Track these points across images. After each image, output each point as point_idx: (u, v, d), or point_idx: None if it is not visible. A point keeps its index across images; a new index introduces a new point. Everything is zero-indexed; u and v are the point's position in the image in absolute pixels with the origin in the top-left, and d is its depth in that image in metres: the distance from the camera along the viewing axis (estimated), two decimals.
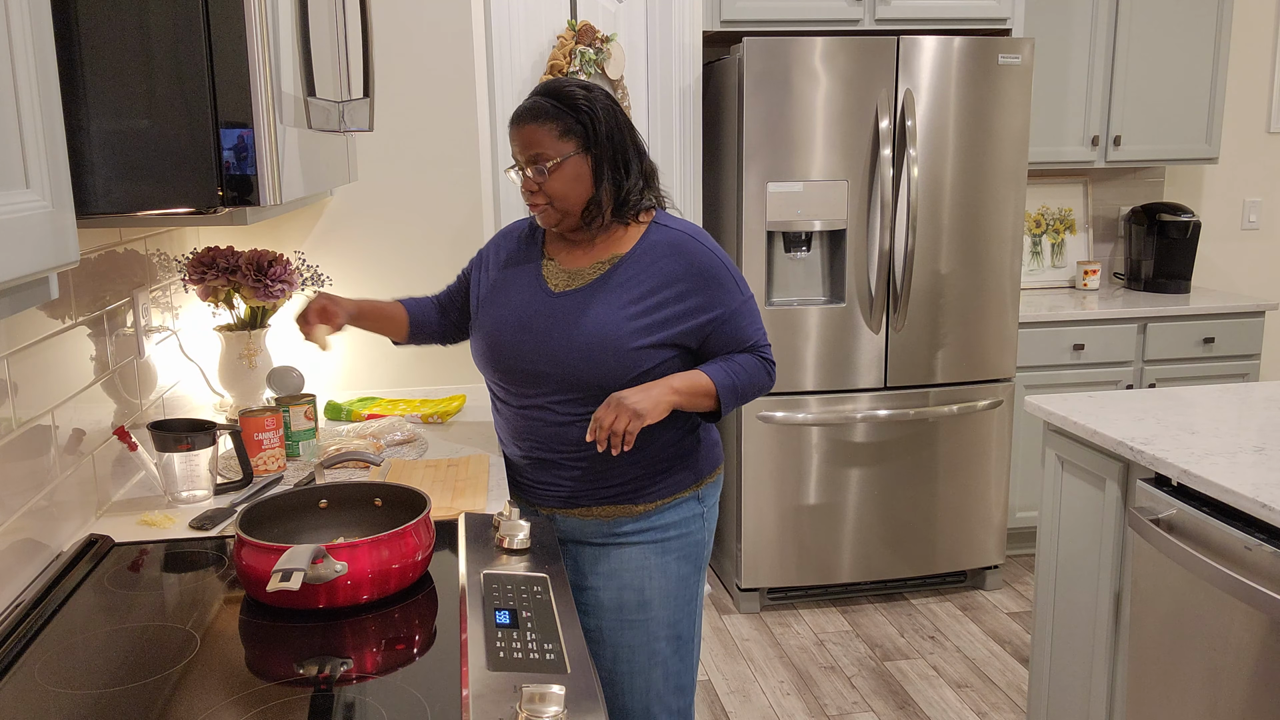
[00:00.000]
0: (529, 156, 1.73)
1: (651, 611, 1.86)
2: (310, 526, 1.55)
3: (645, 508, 1.84)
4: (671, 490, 1.85)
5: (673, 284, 1.75)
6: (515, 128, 1.75)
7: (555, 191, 1.74)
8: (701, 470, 1.89)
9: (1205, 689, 1.86)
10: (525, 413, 1.82)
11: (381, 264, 2.56)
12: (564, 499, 1.85)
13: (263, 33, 1.22)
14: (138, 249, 2.05)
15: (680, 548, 1.87)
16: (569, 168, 1.73)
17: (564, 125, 1.72)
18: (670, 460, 1.84)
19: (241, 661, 1.22)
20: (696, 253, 1.77)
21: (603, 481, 1.82)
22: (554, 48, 2.78)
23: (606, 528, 1.85)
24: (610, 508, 1.84)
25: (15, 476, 1.47)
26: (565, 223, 1.78)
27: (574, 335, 1.74)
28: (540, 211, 1.77)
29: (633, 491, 1.83)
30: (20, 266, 0.85)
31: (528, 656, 1.19)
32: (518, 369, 1.79)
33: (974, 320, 3.44)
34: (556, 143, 1.72)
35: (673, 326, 1.75)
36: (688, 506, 1.87)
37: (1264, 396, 2.33)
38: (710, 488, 1.92)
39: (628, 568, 1.85)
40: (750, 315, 1.81)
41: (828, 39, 3.18)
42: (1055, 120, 3.86)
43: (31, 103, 0.89)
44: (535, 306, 1.80)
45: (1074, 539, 2.29)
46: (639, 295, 1.75)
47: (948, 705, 2.90)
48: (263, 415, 1.95)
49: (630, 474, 1.82)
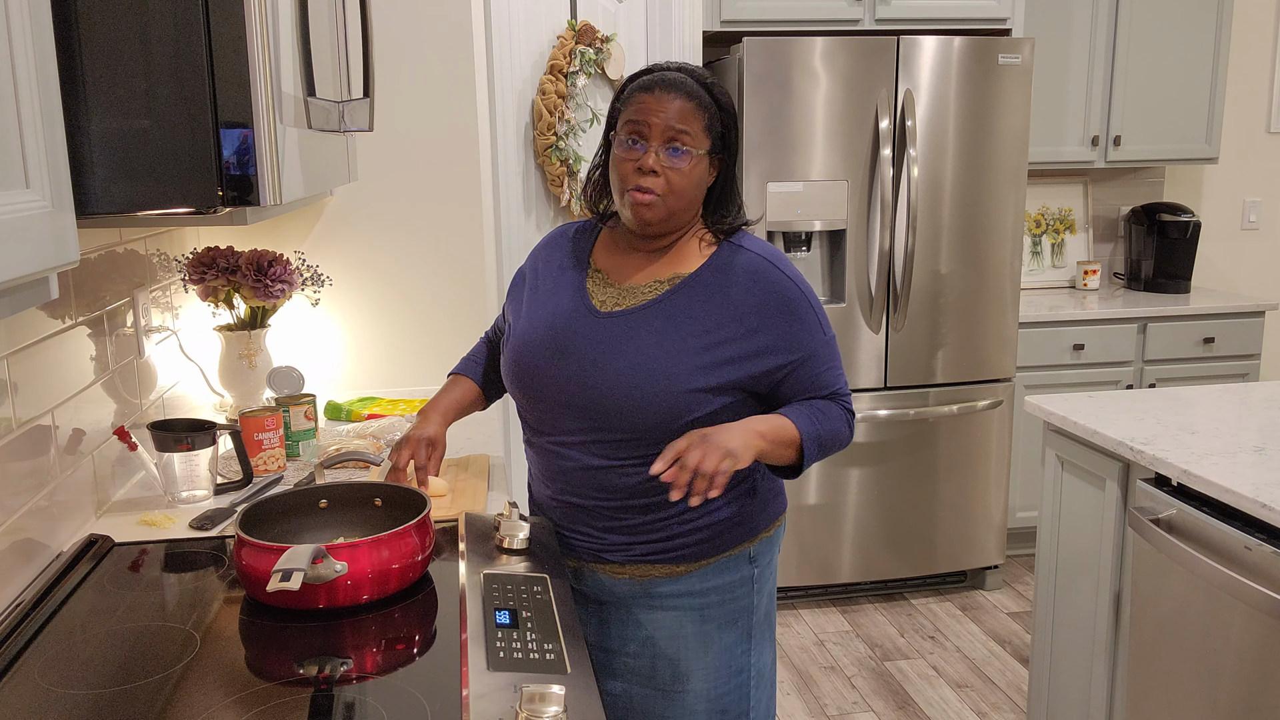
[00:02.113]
0: (669, 133, 1.46)
1: (690, 684, 1.60)
2: (310, 526, 1.55)
3: (688, 568, 1.58)
4: (720, 549, 1.59)
5: (745, 317, 1.49)
6: (660, 92, 1.47)
7: (679, 186, 1.48)
8: (757, 525, 1.62)
9: (1205, 689, 1.86)
10: (557, 450, 1.58)
11: (381, 264, 2.56)
12: (595, 552, 1.61)
13: (263, 33, 1.22)
14: (138, 249, 2.05)
15: (723, 615, 1.61)
16: (700, 166, 1.50)
17: (710, 119, 1.49)
18: (720, 513, 1.58)
19: (241, 661, 1.22)
20: (778, 283, 1.51)
21: (643, 536, 1.57)
22: (554, 48, 2.78)
23: (640, 588, 1.60)
24: (646, 567, 1.59)
25: (15, 476, 1.47)
26: (660, 226, 1.52)
27: (619, 367, 1.49)
28: (645, 204, 1.48)
29: (677, 550, 1.57)
30: (20, 266, 0.85)
31: (528, 656, 1.19)
32: (547, 398, 1.55)
33: (974, 320, 3.44)
34: (701, 133, 1.48)
35: (741, 367, 1.49)
36: (737, 568, 1.61)
37: (1264, 396, 2.33)
38: (766, 544, 1.64)
39: (661, 635, 1.60)
40: (831, 358, 1.56)
41: (828, 39, 3.18)
42: (1055, 120, 3.86)
43: (31, 103, 0.89)
44: (575, 327, 1.54)
45: (1074, 539, 2.29)
46: (706, 327, 1.49)
47: (948, 705, 2.90)
48: (263, 415, 1.95)
49: (677, 529, 1.57)
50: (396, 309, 2.58)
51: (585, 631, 1.66)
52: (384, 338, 2.59)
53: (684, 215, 1.52)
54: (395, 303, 2.58)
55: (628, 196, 1.49)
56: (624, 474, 1.53)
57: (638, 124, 1.47)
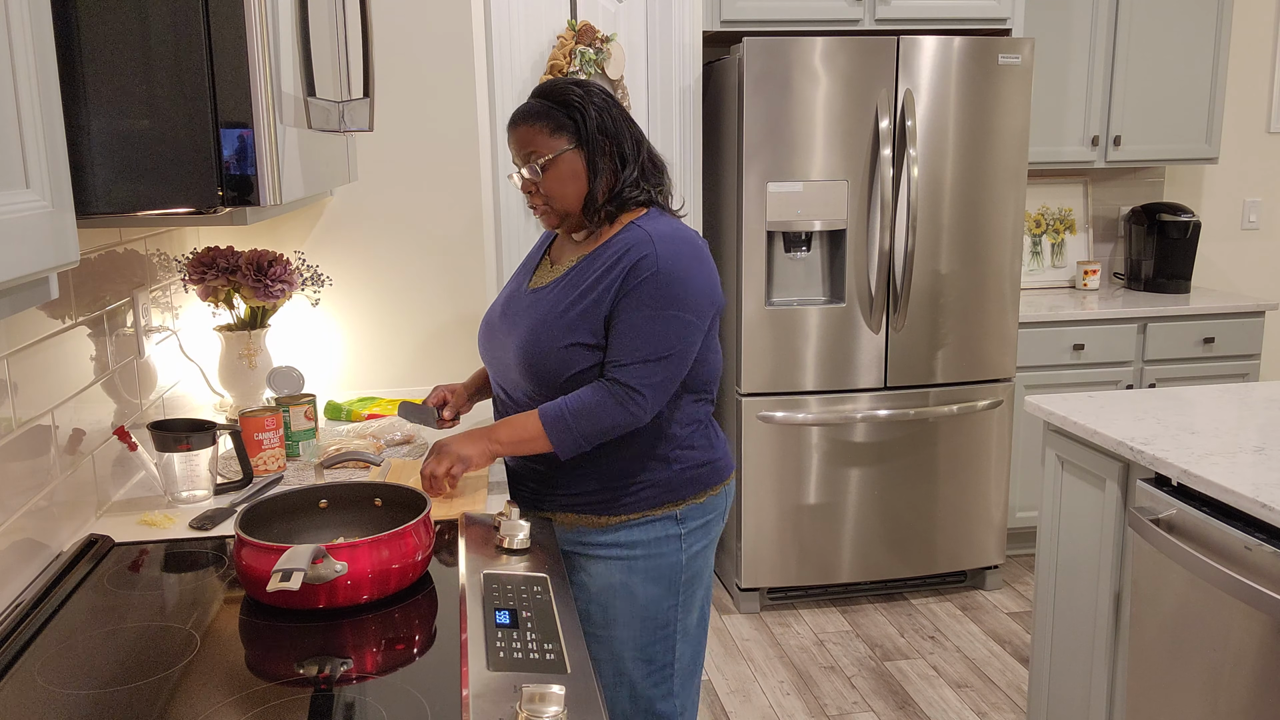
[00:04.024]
0: (523, 156, 1.73)
1: (615, 630, 1.80)
2: (310, 526, 1.55)
3: (610, 520, 1.78)
4: (640, 506, 1.77)
5: (610, 281, 1.69)
6: (510, 130, 1.75)
7: (551, 190, 1.73)
8: (683, 491, 1.80)
9: (1205, 689, 1.86)
10: (503, 411, 1.86)
11: (381, 264, 2.56)
12: (529, 500, 1.85)
13: (263, 33, 1.22)
14: (138, 249, 2.05)
15: (649, 569, 1.79)
16: (563, 164, 1.71)
17: (555, 122, 1.71)
18: (635, 475, 1.76)
19: (241, 661, 1.22)
20: (640, 252, 1.67)
21: (562, 488, 1.79)
22: (554, 48, 2.78)
23: (572, 536, 1.80)
24: (573, 516, 1.80)
25: (15, 476, 1.47)
26: (567, 223, 1.77)
27: (520, 332, 1.75)
28: (540, 214, 1.77)
29: (596, 503, 1.78)
30: (20, 266, 0.85)
31: (528, 656, 1.19)
32: (488, 360, 1.85)
33: (974, 320, 3.44)
34: (549, 140, 1.71)
35: (599, 325, 1.69)
36: (661, 526, 1.78)
37: (1264, 396, 2.33)
38: (695, 509, 1.81)
39: (593, 581, 1.80)
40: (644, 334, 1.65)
41: (828, 39, 3.18)
42: (1055, 120, 3.86)
43: (31, 103, 0.89)
44: (513, 300, 1.83)
45: (1074, 539, 2.29)
46: (583, 291, 1.70)
47: (948, 705, 2.90)
48: (263, 415, 1.95)
49: (589, 485, 1.77)
50: (396, 309, 2.58)
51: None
52: (384, 338, 2.59)
53: (573, 207, 1.74)
54: (395, 303, 2.58)
55: (532, 211, 1.78)
56: None
57: (512, 161, 1.81)
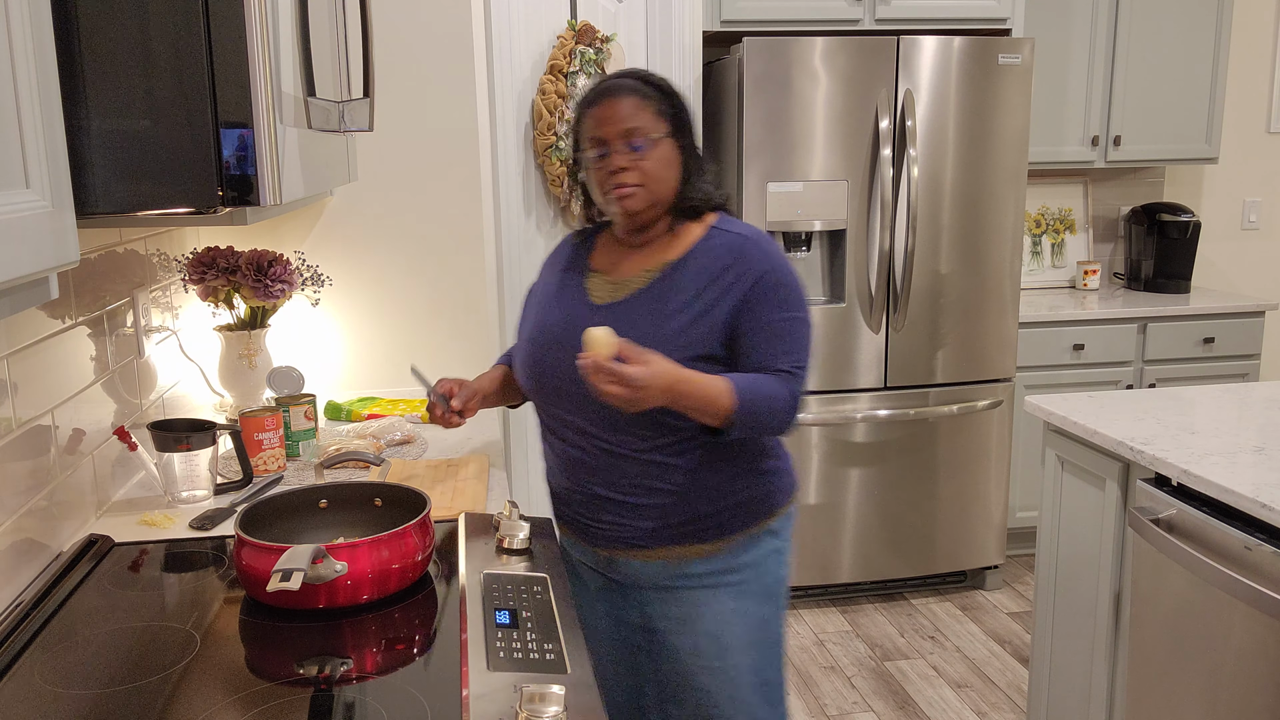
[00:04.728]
0: (623, 131, 1.58)
1: (732, 658, 1.67)
2: (310, 526, 1.55)
3: (716, 546, 1.65)
4: (741, 525, 1.66)
5: (719, 287, 1.58)
6: (606, 102, 1.59)
7: (652, 171, 1.59)
8: (775, 501, 1.70)
9: (1205, 689, 1.86)
10: (571, 441, 1.66)
11: (381, 264, 2.56)
12: (625, 540, 1.66)
13: (263, 33, 1.22)
14: (138, 249, 2.05)
15: (759, 589, 1.68)
16: (664, 149, 1.60)
17: (658, 105, 1.60)
18: (736, 493, 1.65)
19: (241, 661, 1.22)
20: (752, 255, 1.59)
21: (669, 520, 1.63)
22: (554, 48, 2.77)
23: (676, 569, 1.66)
24: (675, 549, 1.65)
25: (15, 476, 1.47)
26: (650, 213, 1.62)
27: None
28: (628, 196, 1.59)
29: (699, 530, 1.64)
30: (20, 266, 0.85)
31: (528, 656, 1.19)
32: (554, 391, 1.65)
33: (974, 320, 3.44)
34: (654, 120, 1.59)
35: (716, 335, 1.57)
36: (764, 542, 1.68)
37: (1264, 396, 2.33)
38: (785, 519, 1.73)
39: (702, 613, 1.66)
40: (790, 337, 1.59)
41: (828, 39, 3.18)
42: (1055, 120, 3.86)
43: (31, 103, 0.89)
44: (575, 321, 1.64)
45: (1074, 539, 2.29)
46: (687, 301, 1.58)
47: (948, 705, 2.90)
48: (263, 415, 1.95)
49: (700, 509, 1.63)
50: (396, 309, 2.58)
51: (628, 615, 1.74)
52: (384, 338, 2.59)
53: (665, 197, 1.62)
54: (395, 303, 2.58)
55: (611, 198, 1.61)
56: (636, 459, 1.60)
57: (596, 136, 1.60)
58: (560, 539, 1.77)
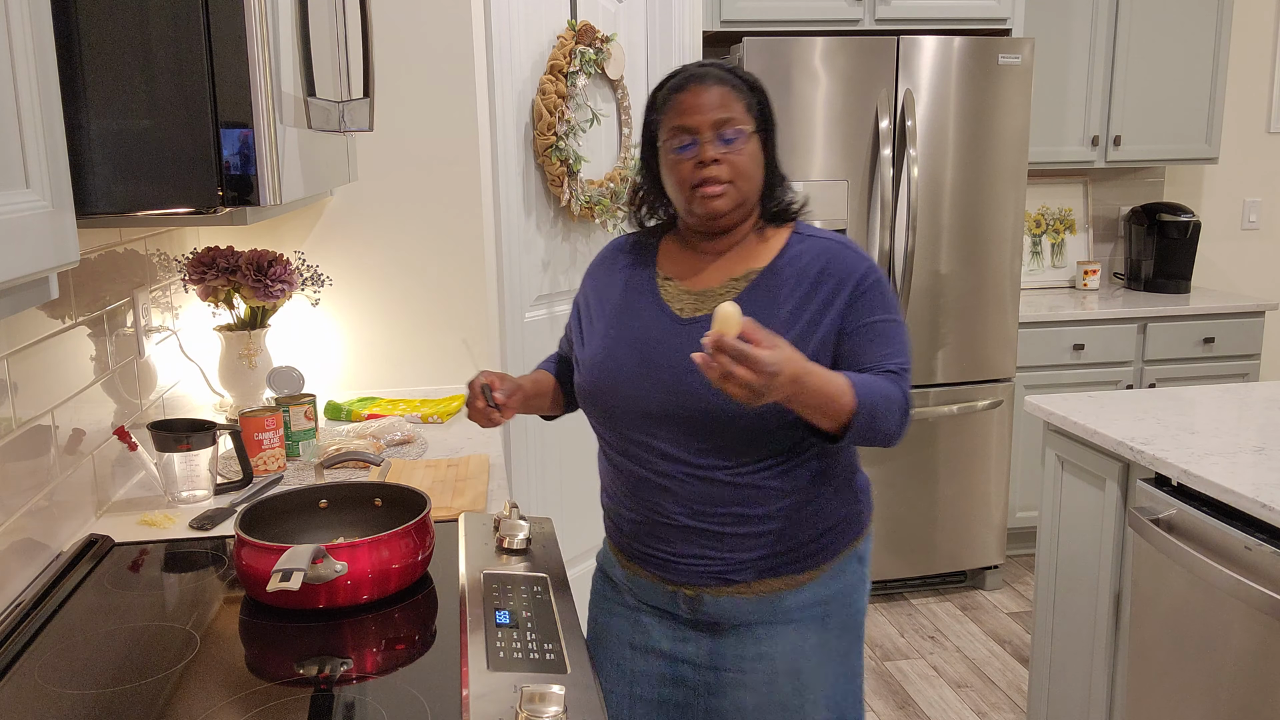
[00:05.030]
0: (715, 121, 1.43)
1: (809, 695, 1.53)
2: (310, 526, 1.55)
3: (811, 575, 1.52)
4: (834, 551, 1.53)
5: (821, 300, 1.45)
6: (695, 88, 1.45)
7: (742, 167, 1.45)
8: (864, 521, 1.59)
9: (1205, 689, 1.86)
10: (657, 469, 1.48)
11: (381, 264, 2.56)
12: (719, 575, 1.50)
13: (263, 33, 1.22)
14: (138, 249, 2.05)
15: (842, 620, 1.55)
16: (752, 145, 1.47)
17: (747, 100, 1.47)
18: (832, 514, 1.53)
19: (241, 661, 1.22)
20: (848, 261, 1.47)
21: (771, 549, 1.49)
22: (554, 48, 2.77)
23: (768, 604, 1.51)
24: (770, 581, 1.50)
25: (15, 476, 1.47)
26: (735, 215, 1.48)
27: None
28: (717, 195, 1.44)
29: (796, 559, 1.50)
30: (20, 266, 0.85)
31: (528, 656, 1.19)
32: (639, 414, 1.47)
33: (974, 320, 3.44)
34: (744, 114, 1.46)
35: (826, 350, 1.44)
36: (851, 570, 1.56)
37: (1264, 396, 2.33)
38: (868, 541, 1.61)
39: (783, 650, 1.51)
40: (895, 341, 1.46)
41: (828, 39, 3.18)
42: (1055, 120, 3.86)
43: (31, 103, 0.89)
44: (659, 337, 1.48)
45: (1074, 539, 2.29)
46: (790, 316, 1.45)
47: (948, 705, 2.90)
48: (263, 415, 1.95)
49: (803, 536, 1.50)
50: (396, 309, 2.58)
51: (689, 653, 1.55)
52: (384, 338, 2.59)
53: (753, 199, 1.49)
54: (395, 303, 2.58)
55: (696, 195, 1.45)
56: (731, 484, 1.45)
57: (684, 125, 1.44)
58: (614, 572, 1.63)
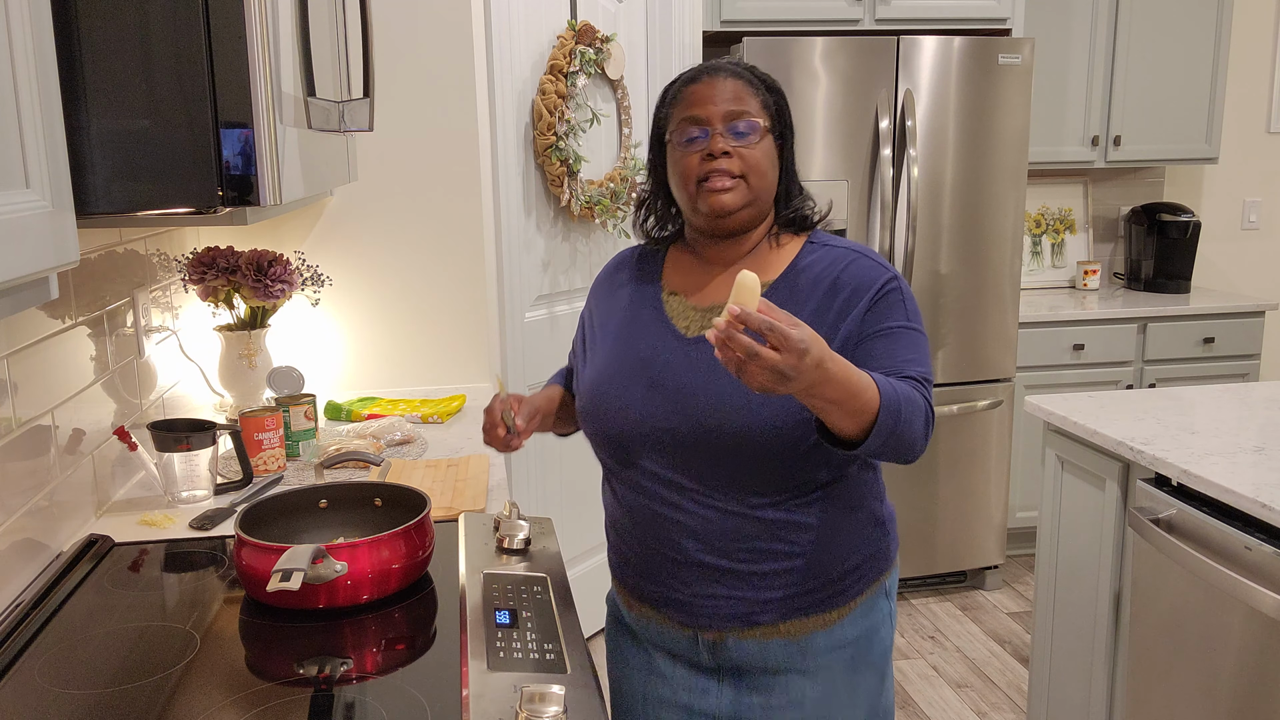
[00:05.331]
0: (727, 112, 1.34)
1: None
2: (310, 526, 1.55)
3: (840, 613, 1.41)
4: (862, 588, 1.42)
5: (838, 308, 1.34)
6: (709, 79, 1.36)
7: (755, 162, 1.35)
8: (891, 555, 1.48)
9: (1205, 689, 1.86)
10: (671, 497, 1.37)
11: (381, 264, 2.56)
12: (742, 617, 1.38)
13: (263, 33, 1.22)
14: (138, 249, 2.05)
15: (869, 660, 1.45)
16: (768, 145, 1.37)
17: (763, 98, 1.38)
18: (857, 548, 1.41)
19: (241, 661, 1.22)
20: (866, 269, 1.36)
21: (798, 588, 1.37)
22: (554, 48, 2.77)
23: (797, 648, 1.40)
24: (800, 622, 1.39)
25: (15, 476, 1.47)
26: (742, 216, 1.36)
27: (724, 391, 1.31)
28: (725, 190, 1.34)
29: (823, 597, 1.39)
30: (20, 266, 0.85)
31: (528, 656, 1.19)
32: (634, 433, 1.37)
33: (974, 320, 3.44)
34: (760, 110, 1.37)
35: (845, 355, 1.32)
36: (878, 607, 1.45)
37: (1264, 396, 2.33)
38: (894, 575, 1.50)
39: (811, 695, 1.41)
40: (916, 349, 1.33)
41: (828, 39, 3.18)
42: (1055, 120, 3.86)
43: (31, 103, 0.89)
44: (664, 356, 1.38)
45: (1074, 539, 2.29)
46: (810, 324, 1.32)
47: (948, 705, 2.90)
48: (263, 415, 1.95)
49: (831, 572, 1.38)
50: (396, 309, 2.58)
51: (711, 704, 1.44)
52: (384, 338, 2.59)
53: (765, 200, 1.38)
54: (395, 303, 2.58)
55: (703, 190, 1.35)
56: (751, 517, 1.34)
57: (694, 116, 1.35)
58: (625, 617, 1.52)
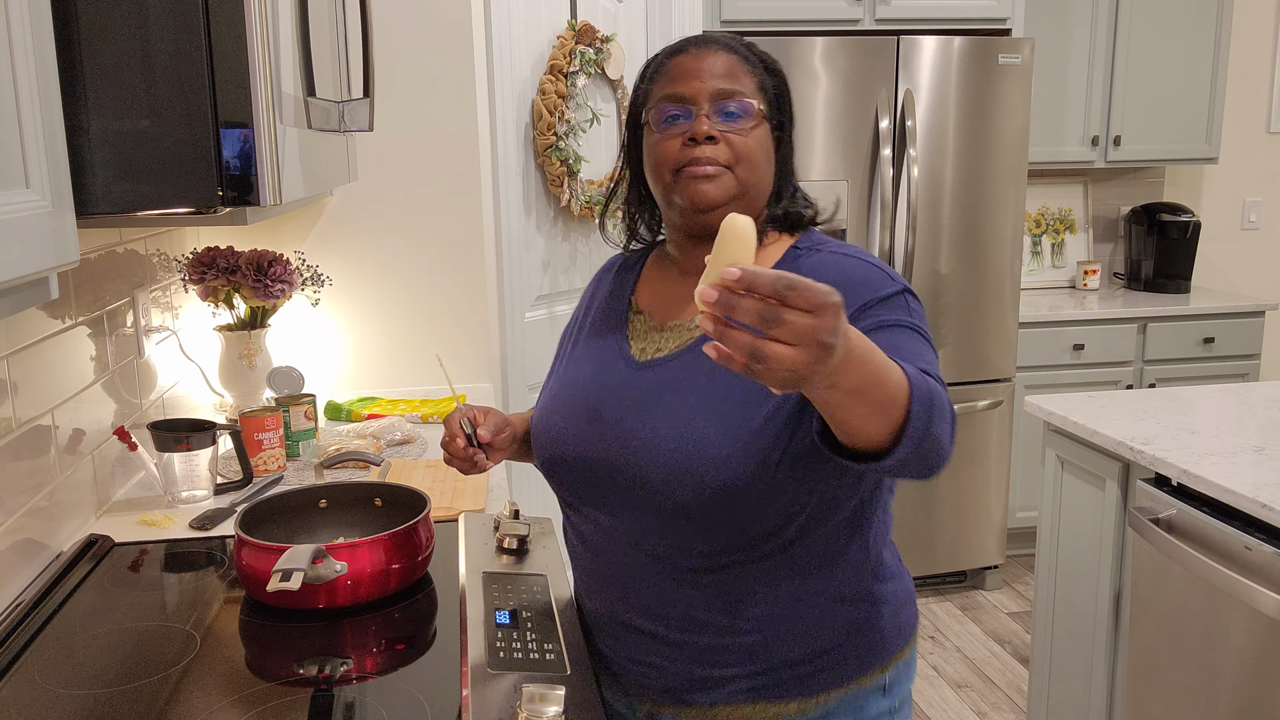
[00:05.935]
0: (715, 91, 1.13)
1: None
2: (310, 526, 1.55)
3: (809, 704, 1.14)
4: (847, 675, 1.15)
5: None
6: (696, 51, 1.16)
7: (746, 150, 1.13)
8: (890, 642, 1.18)
9: (1205, 689, 1.86)
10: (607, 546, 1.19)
11: (381, 264, 2.56)
12: (669, 691, 1.17)
13: (263, 33, 1.22)
14: (138, 249, 2.05)
15: None
16: (762, 133, 1.16)
17: (759, 79, 1.17)
18: (837, 623, 1.15)
19: (241, 661, 1.22)
20: (864, 272, 1.12)
21: (741, 669, 1.14)
22: (554, 48, 2.77)
23: None
24: (762, 705, 1.15)
25: (15, 476, 1.47)
26: (729, 210, 1.13)
27: (661, 431, 1.10)
28: (709, 178, 1.12)
29: (792, 678, 1.14)
30: (20, 266, 0.85)
31: (528, 656, 1.19)
32: (581, 475, 1.18)
33: (974, 320, 3.44)
34: (755, 92, 1.15)
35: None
36: (870, 702, 1.17)
37: (1264, 396, 2.33)
38: (903, 669, 1.21)
39: None
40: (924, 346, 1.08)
41: (828, 39, 3.18)
42: (1055, 120, 3.86)
43: (31, 103, 0.89)
44: (610, 383, 1.18)
45: (1074, 539, 2.29)
46: None
47: (947, 705, 2.90)
48: (263, 415, 1.95)
49: (786, 655, 1.14)
50: (396, 309, 2.58)
51: None
52: (384, 338, 2.59)
53: (755, 197, 1.17)
54: (395, 303, 2.58)
55: (680, 178, 1.13)
56: (693, 579, 1.13)
57: (676, 93, 1.14)
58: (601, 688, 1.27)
